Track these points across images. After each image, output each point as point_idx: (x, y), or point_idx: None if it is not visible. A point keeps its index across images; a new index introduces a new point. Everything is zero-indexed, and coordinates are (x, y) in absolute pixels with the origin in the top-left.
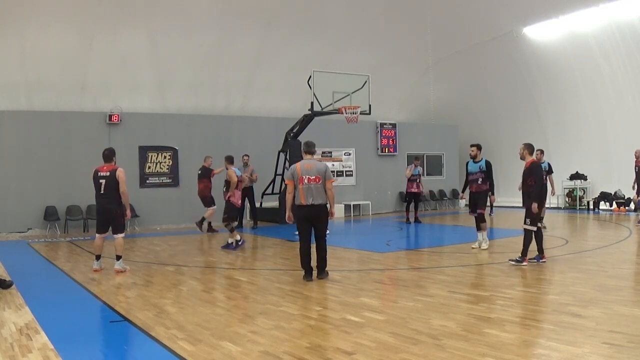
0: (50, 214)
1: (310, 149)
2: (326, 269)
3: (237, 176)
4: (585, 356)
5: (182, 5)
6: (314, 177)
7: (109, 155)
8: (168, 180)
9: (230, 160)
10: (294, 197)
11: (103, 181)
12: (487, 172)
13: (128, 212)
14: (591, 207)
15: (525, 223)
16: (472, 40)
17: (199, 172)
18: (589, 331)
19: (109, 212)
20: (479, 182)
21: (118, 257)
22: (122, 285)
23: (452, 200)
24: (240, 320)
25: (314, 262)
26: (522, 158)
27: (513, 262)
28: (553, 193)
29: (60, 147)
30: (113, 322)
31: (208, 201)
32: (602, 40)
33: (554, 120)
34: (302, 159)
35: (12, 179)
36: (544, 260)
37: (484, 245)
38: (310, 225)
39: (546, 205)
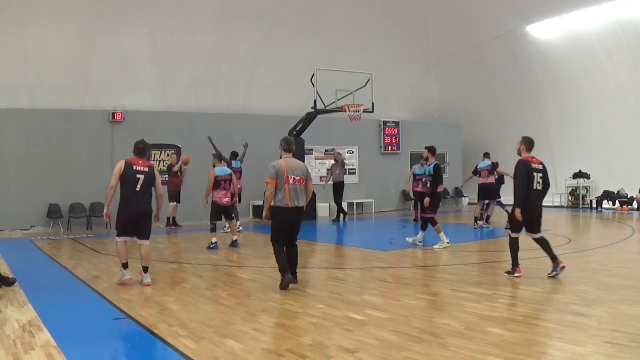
0: (53, 212)
1: (290, 146)
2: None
3: (216, 176)
4: (588, 355)
5: (183, 4)
6: (299, 178)
7: (143, 148)
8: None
9: (218, 158)
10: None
11: (142, 177)
12: (435, 177)
13: (160, 214)
14: (594, 206)
15: (506, 228)
16: (475, 39)
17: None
18: (592, 330)
19: (144, 215)
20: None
21: (146, 269)
22: (125, 282)
23: (455, 199)
24: (243, 318)
25: None
26: (519, 154)
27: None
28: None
29: (64, 145)
30: (116, 320)
31: (172, 196)
32: (605, 39)
33: (556, 118)
34: (285, 157)
35: (15, 177)
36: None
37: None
38: (289, 230)
39: (548, 205)
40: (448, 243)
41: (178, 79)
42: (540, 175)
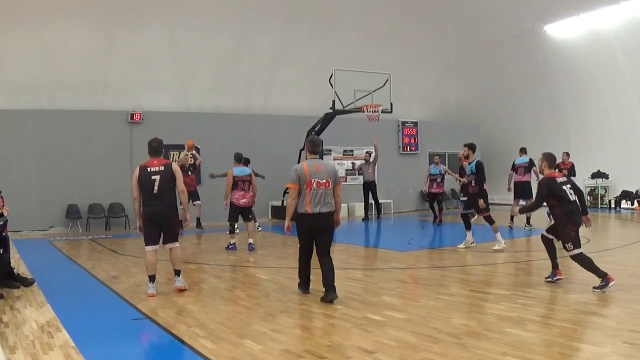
0: (72, 212)
1: (316, 147)
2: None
3: (234, 176)
4: (606, 356)
5: (202, 3)
6: (324, 181)
7: (157, 147)
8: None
9: (237, 158)
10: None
11: (157, 177)
12: (479, 174)
13: (187, 216)
14: (613, 205)
15: (566, 249)
16: (493, 38)
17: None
18: (610, 330)
19: (166, 219)
20: (473, 184)
21: (178, 272)
22: (144, 283)
23: None
24: (261, 318)
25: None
26: (541, 172)
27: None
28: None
29: (82, 145)
30: (134, 320)
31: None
32: (624, 38)
33: (575, 118)
34: (309, 159)
35: (34, 178)
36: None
37: (498, 246)
38: (313, 238)
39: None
40: (504, 244)
41: (197, 80)
42: (569, 186)
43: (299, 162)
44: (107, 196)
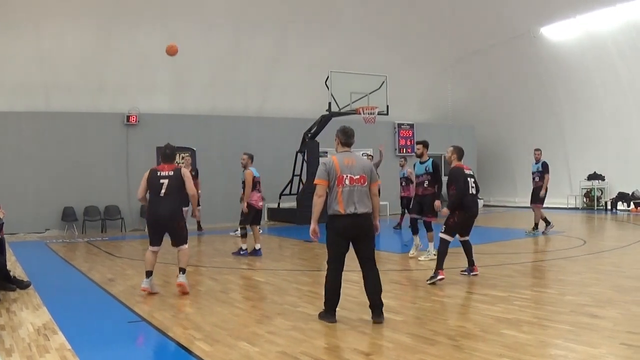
0: (68, 215)
1: (349, 139)
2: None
3: (253, 176)
4: (603, 357)
5: (199, 6)
6: (357, 177)
7: (171, 154)
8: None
9: (251, 157)
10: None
11: (165, 181)
12: (434, 174)
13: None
14: (609, 207)
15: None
16: (489, 41)
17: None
18: (606, 332)
19: (171, 224)
20: (425, 185)
21: (183, 270)
22: (140, 286)
23: None
24: (257, 320)
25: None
26: (450, 163)
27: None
28: (541, 195)
29: (78, 148)
30: (131, 323)
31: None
32: (620, 40)
33: (571, 120)
34: (340, 152)
35: (30, 180)
36: (475, 273)
37: (426, 257)
38: (348, 244)
39: (562, 206)
40: (434, 255)
41: (193, 82)
42: (473, 180)
43: (295, 164)
44: (103, 198)
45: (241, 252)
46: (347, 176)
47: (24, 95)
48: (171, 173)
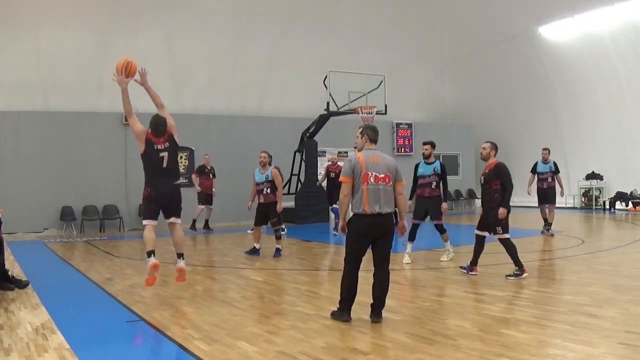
0: (66, 214)
1: (376, 136)
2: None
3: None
4: (601, 357)
5: (198, 6)
6: (382, 176)
7: (163, 130)
8: (184, 181)
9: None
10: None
11: (165, 154)
12: (442, 175)
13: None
14: (607, 207)
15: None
16: (488, 40)
17: (206, 170)
18: (604, 331)
19: (172, 195)
20: (433, 187)
21: (181, 255)
22: (138, 285)
23: (468, 200)
24: (256, 320)
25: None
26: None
27: (512, 278)
28: (562, 194)
29: (77, 147)
30: (129, 322)
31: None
32: (618, 39)
33: (569, 119)
34: (366, 150)
35: (28, 180)
36: (474, 273)
37: (448, 256)
38: (369, 243)
39: (561, 206)
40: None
41: (192, 81)
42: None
43: (293, 163)
44: (101, 198)
45: (277, 254)
46: (372, 174)
47: (22, 94)
48: (167, 145)
